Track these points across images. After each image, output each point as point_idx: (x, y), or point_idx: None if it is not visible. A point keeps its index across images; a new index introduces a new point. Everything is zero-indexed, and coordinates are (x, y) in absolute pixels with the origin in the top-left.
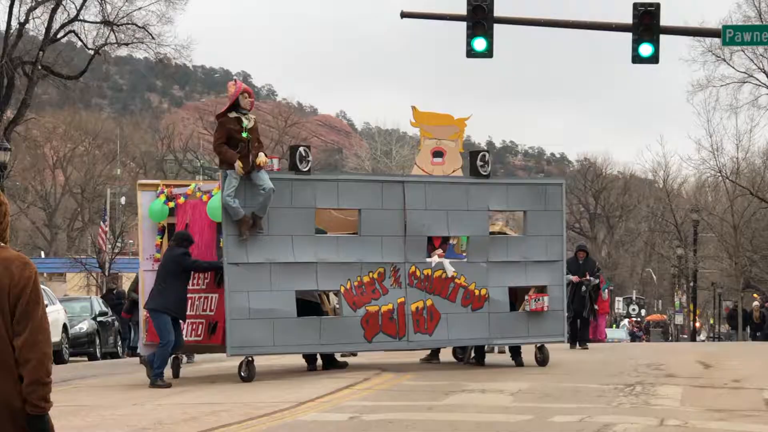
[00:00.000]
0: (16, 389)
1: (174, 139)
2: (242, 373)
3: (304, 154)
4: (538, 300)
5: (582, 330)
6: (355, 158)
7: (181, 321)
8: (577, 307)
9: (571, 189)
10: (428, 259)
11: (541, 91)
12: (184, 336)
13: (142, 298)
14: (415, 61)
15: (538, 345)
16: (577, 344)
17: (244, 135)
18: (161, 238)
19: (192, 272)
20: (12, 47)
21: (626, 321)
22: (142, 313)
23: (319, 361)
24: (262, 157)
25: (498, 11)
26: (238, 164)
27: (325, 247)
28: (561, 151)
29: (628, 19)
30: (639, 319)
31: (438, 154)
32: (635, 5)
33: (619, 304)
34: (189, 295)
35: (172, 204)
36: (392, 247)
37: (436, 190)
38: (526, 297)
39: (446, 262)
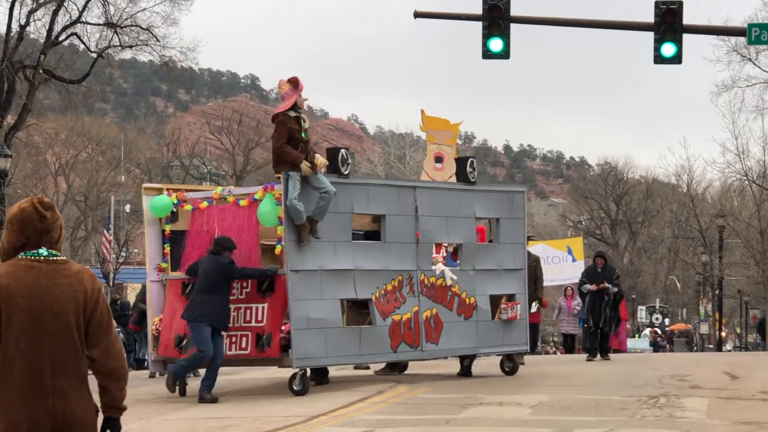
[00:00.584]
0: (90, 402)
1: (180, 145)
2: (295, 387)
3: (345, 157)
4: (513, 308)
5: (602, 341)
6: (368, 163)
7: (223, 333)
8: (596, 317)
9: (592, 194)
10: (433, 267)
11: (559, 93)
12: (228, 349)
13: (150, 309)
14: (429, 63)
15: (507, 355)
16: (598, 355)
17: (303, 136)
18: (168, 245)
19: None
20: (12, 50)
21: (648, 330)
22: (152, 326)
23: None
24: (321, 159)
25: (515, 10)
26: (305, 165)
27: (359, 254)
28: (581, 154)
29: (649, 17)
30: (662, 328)
31: (438, 159)
32: (657, 3)
33: (641, 313)
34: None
35: (187, 207)
36: (408, 254)
37: (438, 196)
38: (502, 305)
39: (447, 269)
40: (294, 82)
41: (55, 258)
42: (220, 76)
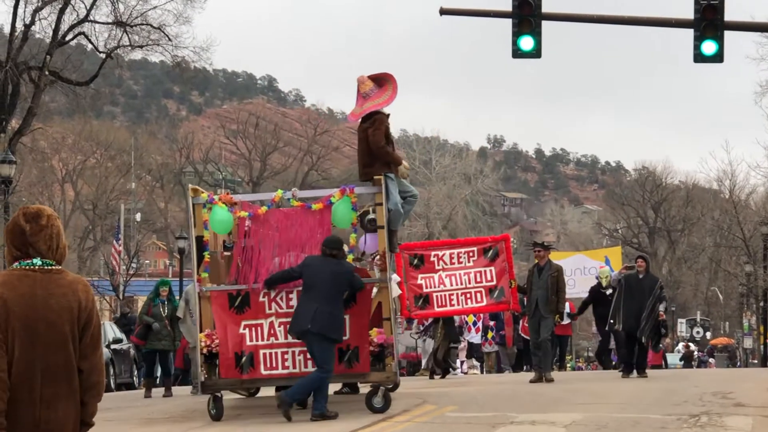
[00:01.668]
0: (77, 414)
1: (193, 150)
2: (376, 404)
3: None
4: None
5: (640, 356)
6: None
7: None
8: (632, 325)
9: (629, 201)
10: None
11: (593, 94)
12: (293, 366)
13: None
14: (455, 63)
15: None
16: (634, 371)
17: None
18: (207, 253)
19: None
20: (17, 51)
21: (680, 345)
22: (201, 343)
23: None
24: (405, 161)
25: (546, 7)
26: (405, 165)
27: None
28: (617, 159)
29: (689, 14)
30: (704, 342)
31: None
32: None
33: (682, 327)
34: (287, 320)
35: (241, 213)
36: None
37: None
38: None
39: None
40: (380, 79)
41: (50, 267)
42: (236, 77)
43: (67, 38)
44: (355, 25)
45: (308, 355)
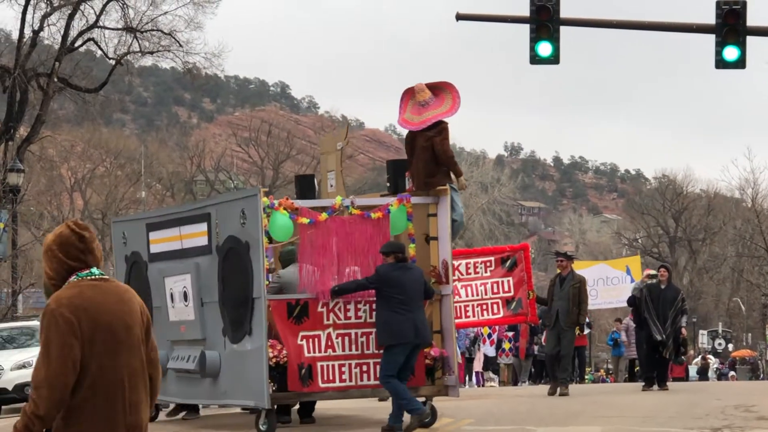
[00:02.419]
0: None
1: (205, 158)
2: (427, 420)
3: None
4: None
5: (661, 369)
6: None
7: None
8: (654, 338)
9: (648, 210)
10: None
11: (612, 101)
12: (349, 380)
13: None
14: (472, 69)
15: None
16: (655, 384)
17: None
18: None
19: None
20: (25, 57)
21: (699, 357)
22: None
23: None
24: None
25: (564, 12)
26: (463, 179)
27: None
28: (636, 167)
29: (710, 19)
30: (725, 354)
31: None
32: (718, 3)
33: (703, 338)
34: (345, 331)
35: (303, 219)
36: None
37: None
38: None
39: None
40: (436, 88)
41: (105, 276)
42: (248, 84)
43: (76, 44)
44: (371, 30)
45: (363, 368)
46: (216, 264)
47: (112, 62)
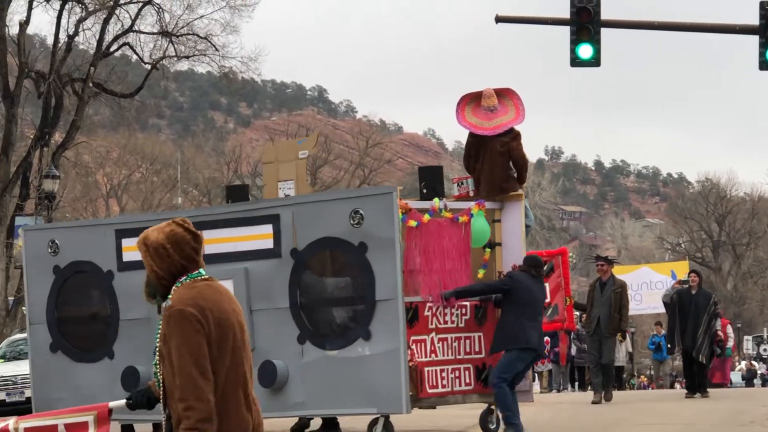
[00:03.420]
0: None
1: (241, 163)
2: (490, 425)
3: None
4: None
5: (700, 375)
6: (446, 181)
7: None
8: (688, 344)
9: (691, 214)
10: None
11: (654, 103)
12: (447, 385)
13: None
14: (511, 72)
15: None
16: (696, 392)
17: None
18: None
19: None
20: (60, 63)
21: (742, 363)
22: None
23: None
24: None
25: (605, 14)
26: (525, 185)
27: None
28: (679, 170)
29: (754, 20)
30: (763, 359)
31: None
32: (762, 4)
33: (748, 344)
34: (444, 336)
35: (412, 222)
36: None
37: None
38: None
39: None
40: (500, 95)
41: (210, 277)
42: (285, 88)
43: (111, 49)
44: (409, 34)
45: (456, 374)
46: (288, 268)
47: (148, 67)
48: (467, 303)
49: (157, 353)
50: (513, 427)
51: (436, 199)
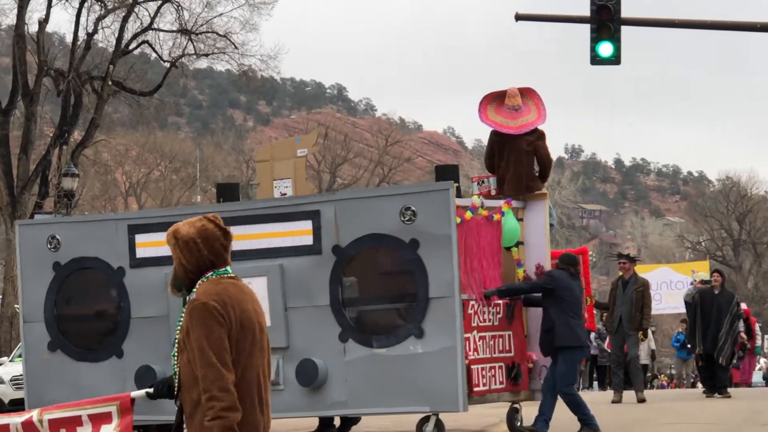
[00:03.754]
0: None
1: None
2: (517, 422)
3: None
4: None
5: (720, 375)
6: (465, 179)
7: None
8: (708, 345)
9: (712, 212)
10: None
11: (674, 102)
12: (485, 384)
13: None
14: (530, 70)
15: None
16: (716, 393)
17: None
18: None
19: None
20: (79, 61)
21: (762, 362)
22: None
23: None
24: None
25: (626, 11)
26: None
27: None
28: (699, 169)
29: None
30: None
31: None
32: None
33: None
34: (482, 334)
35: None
36: None
37: None
38: None
39: None
40: (525, 94)
41: (235, 275)
42: (304, 87)
43: (130, 47)
44: (428, 32)
45: (492, 372)
46: (329, 265)
47: (167, 65)
48: (500, 302)
49: (176, 344)
50: (591, 427)
51: (475, 197)
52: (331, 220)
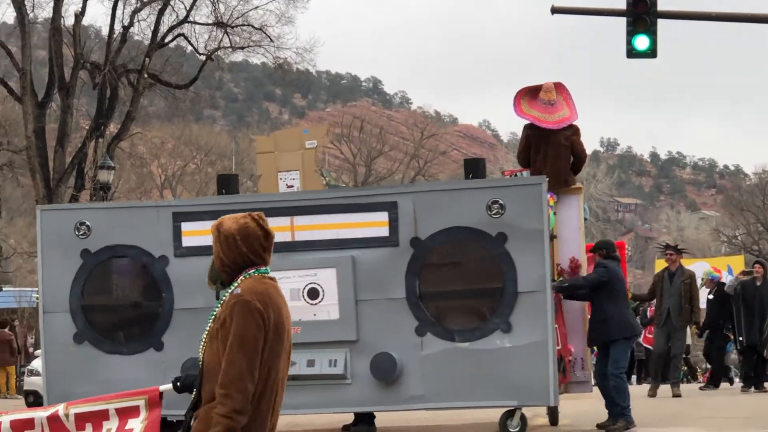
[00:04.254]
0: None
1: None
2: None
3: None
4: None
5: (759, 369)
6: (499, 173)
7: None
8: (752, 336)
9: (748, 206)
10: None
11: (710, 95)
12: None
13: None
14: (566, 63)
15: None
16: (753, 386)
17: None
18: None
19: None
20: (115, 54)
21: None
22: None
23: None
24: None
25: (662, 4)
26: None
27: None
28: (735, 162)
29: None
30: None
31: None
32: None
33: None
34: None
35: None
36: None
37: None
38: None
39: None
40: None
41: (273, 276)
42: (339, 79)
43: (166, 40)
44: (463, 24)
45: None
46: (406, 257)
47: (203, 58)
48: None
49: (206, 333)
50: (626, 419)
51: None
52: (409, 211)
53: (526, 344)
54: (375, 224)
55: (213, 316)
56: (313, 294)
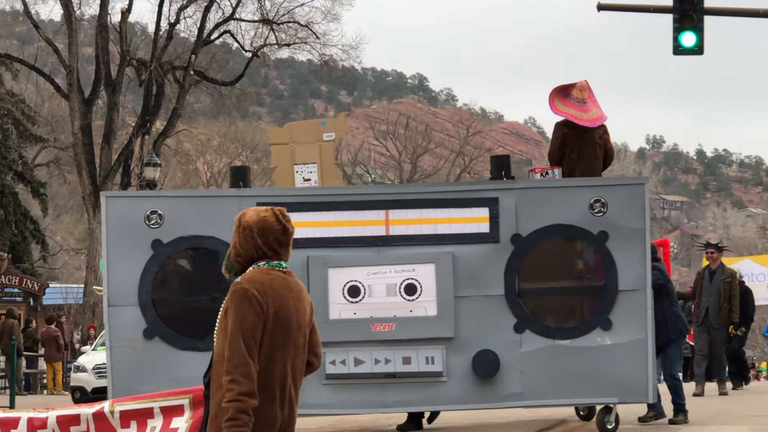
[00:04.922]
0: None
1: (342, 151)
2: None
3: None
4: None
5: None
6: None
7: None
8: None
9: None
10: None
11: (758, 92)
12: None
13: None
14: (612, 60)
15: None
16: None
17: None
18: None
19: None
20: (162, 51)
21: None
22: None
23: None
24: None
25: (709, 1)
26: None
27: None
28: None
29: None
30: None
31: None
32: None
33: None
34: None
35: None
36: None
37: None
38: None
39: None
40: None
41: (289, 270)
42: (385, 76)
43: (212, 37)
44: (509, 21)
45: None
46: (506, 254)
47: (249, 55)
48: None
49: (218, 324)
50: (684, 414)
51: None
52: (510, 208)
53: (627, 342)
54: (475, 220)
55: (221, 308)
56: (411, 290)
